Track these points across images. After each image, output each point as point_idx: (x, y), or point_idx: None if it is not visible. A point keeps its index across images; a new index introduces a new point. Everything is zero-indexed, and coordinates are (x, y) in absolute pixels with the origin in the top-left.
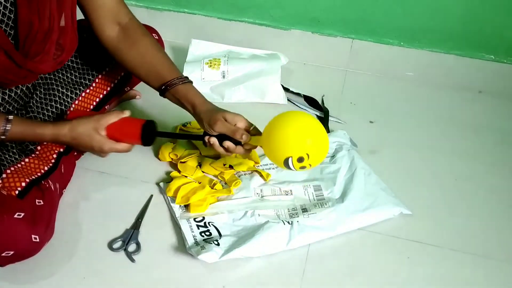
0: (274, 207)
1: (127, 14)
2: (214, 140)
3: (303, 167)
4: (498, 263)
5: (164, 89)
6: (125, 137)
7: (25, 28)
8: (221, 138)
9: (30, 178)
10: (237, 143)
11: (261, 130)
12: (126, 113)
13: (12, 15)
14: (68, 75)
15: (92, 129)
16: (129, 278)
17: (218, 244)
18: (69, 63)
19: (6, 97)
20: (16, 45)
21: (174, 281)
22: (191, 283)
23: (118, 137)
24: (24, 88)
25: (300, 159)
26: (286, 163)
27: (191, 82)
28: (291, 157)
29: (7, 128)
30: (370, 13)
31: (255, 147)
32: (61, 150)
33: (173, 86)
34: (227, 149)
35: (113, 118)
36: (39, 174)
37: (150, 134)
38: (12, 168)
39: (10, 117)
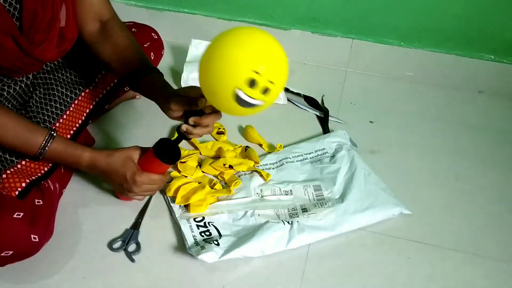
0: (274, 207)
1: (110, 13)
2: (186, 127)
3: (266, 91)
4: (498, 263)
5: (132, 80)
6: (149, 165)
7: (29, 17)
8: (188, 118)
9: (30, 179)
10: (201, 113)
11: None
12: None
13: (18, 6)
14: (68, 74)
15: (127, 157)
16: (129, 278)
17: (218, 244)
18: (69, 62)
19: (5, 93)
20: (21, 33)
21: (174, 281)
22: (191, 283)
23: (145, 169)
24: (23, 86)
25: (252, 82)
26: (241, 101)
27: (159, 73)
28: (237, 87)
29: (48, 144)
30: (370, 13)
31: (216, 110)
32: None
33: (140, 77)
34: (197, 124)
35: (140, 151)
36: (39, 174)
37: (165, 151)
38: (12, 169)
39: (54, 133)
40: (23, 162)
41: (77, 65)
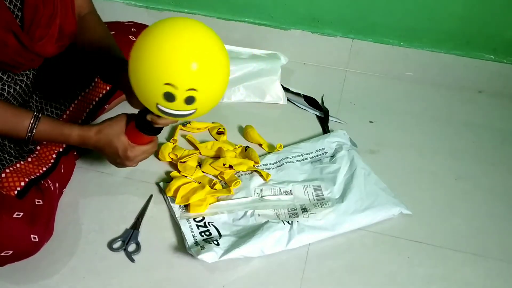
0: (274, 207)
1: (89, 8)
2: (151, 117)
3: (190, 100)
4: (498, 263)
5: (103, 73)
6: (136, 138)
7: (30, 13)
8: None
9: (29, 178)
10: None
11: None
12: None
13: (18, 3)
14: (68, 74)
15: (117, 133)
16: (129, 278)
17: (218, 244)
18: (69, 62)
19: (5, 93)
20: (22, 30)
21: (174, 281)
22: (191, 283)
23: (133, 141)
24: (23, 86)
25: (168, 96)
26: (168, 114)
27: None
28: (157, 103)
29: (35, 126)
30: (370, 13)
31: None
32: (61, 150)
33: (111, 70)
34: (157, 118)
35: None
36: (38, 174)
37: (148, 122)
38: (11, 168)
39: (40, 114)
40: (22, 162)
41: (77, 64)
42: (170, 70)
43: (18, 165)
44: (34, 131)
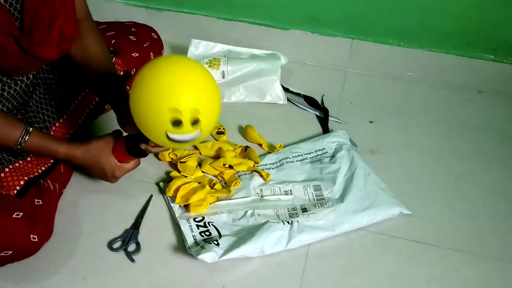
0: (274, 207)
1: (84, 13)
2: (145, 146)
3: (196, 122)
4: (498, 263)
5: (94, 85)
6: (124, 158)
7: (30, 16)
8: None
9: (29, 176)
10: None
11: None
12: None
13: (18, 6)
14: (68, 74)
15: (105, 154)
16: (129, 278)
17: (218, 244)
18: (69, 63)
19: (5, 93)
20: (22, 33)
21: (174, 281)
22: (191, 283)
23: (120, 159)
24: (23, 86)
25: (175, 122)
26: (177, 142)
27: (123, 84)
28: (166, 131)
29: (25, 139)
30: (370, 13)
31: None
32: None
33: (102, 83)
34: (150, 148)
35: (113, 140)
36: (37, 173)
37: (137, 143)
38: (11, 167)
39: (30, 128)
40: (21, 161)
41: (78, 65)
42: (173, 95)
43: (17, 164)
44: (23, 144)
